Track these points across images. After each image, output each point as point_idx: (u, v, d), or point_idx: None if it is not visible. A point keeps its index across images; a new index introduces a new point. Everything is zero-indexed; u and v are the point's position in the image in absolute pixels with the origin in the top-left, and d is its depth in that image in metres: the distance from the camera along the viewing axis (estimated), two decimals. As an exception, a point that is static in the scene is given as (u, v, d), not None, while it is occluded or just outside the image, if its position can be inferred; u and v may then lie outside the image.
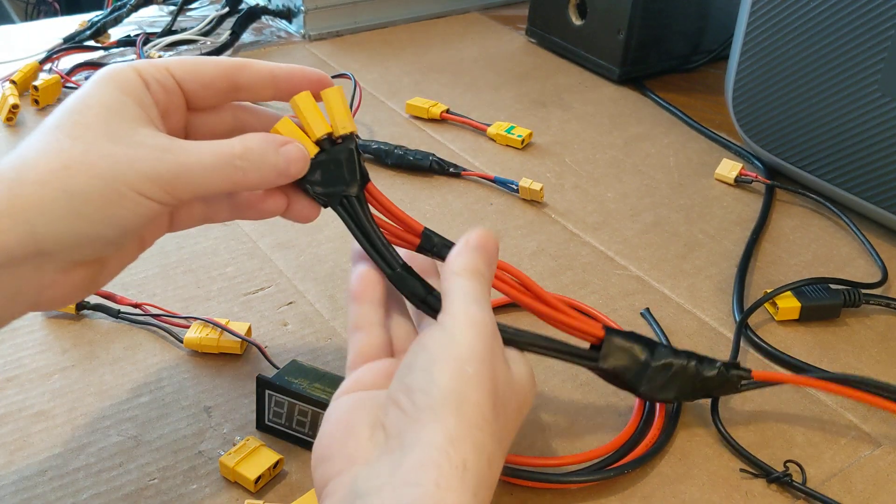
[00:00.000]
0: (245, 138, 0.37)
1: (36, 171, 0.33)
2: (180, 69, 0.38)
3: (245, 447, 0.43)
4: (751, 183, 0.70)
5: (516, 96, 0.83)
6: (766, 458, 0.46)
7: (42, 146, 0.34)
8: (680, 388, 0.44)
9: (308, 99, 0.40)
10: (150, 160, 0.35)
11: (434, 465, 0.31)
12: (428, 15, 0.99)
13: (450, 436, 0.32)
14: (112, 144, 0.34)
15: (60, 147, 0.34)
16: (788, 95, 0.66)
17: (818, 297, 0.56)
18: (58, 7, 1.92)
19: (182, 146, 0.36)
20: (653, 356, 0.43)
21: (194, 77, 0.39)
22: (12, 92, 0.74)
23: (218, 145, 0.36)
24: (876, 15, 0.58)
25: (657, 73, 0.88)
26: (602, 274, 0.60)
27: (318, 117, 0.40)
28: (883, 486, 0.45)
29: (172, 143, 0.36)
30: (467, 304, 0.36)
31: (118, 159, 0.34)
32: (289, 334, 0.52)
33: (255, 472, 0.42)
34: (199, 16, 0.94)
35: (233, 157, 0.36)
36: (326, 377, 0.45)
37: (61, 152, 0.34)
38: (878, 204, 0.63)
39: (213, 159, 0.36)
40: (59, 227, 0.34)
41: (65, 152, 0.34)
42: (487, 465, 0.33)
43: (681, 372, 0.44)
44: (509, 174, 0.69)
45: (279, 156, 0.38)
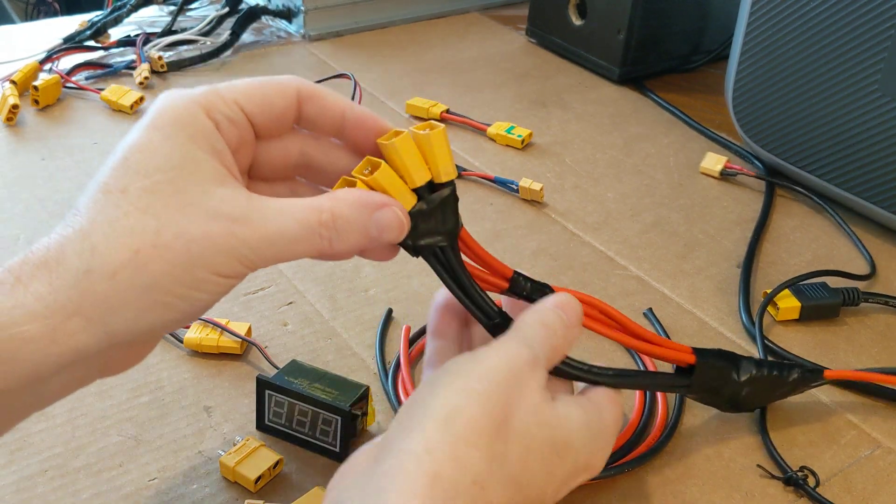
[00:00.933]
0: (335, 201, 0.33)
1: (104, 261, 0.30)
2: (250, 102, 0.34)
3: (245, 447, 0.43)
4: (735, 176, 0.70)
5: (516, 96, 0.83)
6: (764, 459, 0.46)
7: (107, 224, 0.31)
8: (763, 397, 0.46)
9: (409, 142, 0.34)
10: (228, 237, 0.31)
11: (403, 472, 0.29)
12: (428, 15, 0.99)
13: (428, 445, 0.30)
14: (185, 218, 0.31)
15: (128, 225, 0.30)
16: (788, 95, 0.66)
17: (818, 296, 0.56)
18: (58, 7, 1.92)
19: (262, 213, 0.32)
20: (739, 372, 0.44)
21: (263, 110, 0.35)
22: (12, 92, 0.74)
23: (303, 211, 0.32)
24: (876, 15, 0.58)
25: (657, 73, 0.88)
26: (602, 274, 0.60)
27: (420, 163, 0.35)
28: (883, 486, 0.45)
29: (251, 210, 0.32)
30: (508, 339, 0.35)
31: (193, 238, 0.31)
32: (289, 334, 0.52)
33: (255, 472, 0.42)
34: (199, 16, 0.94)
35: (319, 227, 0.32)
36: (326, 377, 0.45)
37: (131, 233, 0.30)
38: (878, 204, 0.63)
39: (297, 228, 0.32)
40: (135, 321, 0.31)
41: (135, 234, 0.30)
42: (472, 484, 0.30)
43: (764, 384, 0.45)
44: (509, 174, 0.69)
45: (372, 223, 0.33)
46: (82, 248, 0.30)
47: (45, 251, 0.30)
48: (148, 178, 0.31)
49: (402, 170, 0.34)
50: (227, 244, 0.31)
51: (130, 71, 0.81)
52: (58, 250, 0.30)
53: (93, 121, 0.74)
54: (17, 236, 0.60)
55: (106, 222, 0.31)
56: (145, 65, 0.80)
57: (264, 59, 0.87)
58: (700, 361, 0.43)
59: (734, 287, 0.59)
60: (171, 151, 0.32)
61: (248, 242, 0.31)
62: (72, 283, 0.30)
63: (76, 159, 0.69)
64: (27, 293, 0.29)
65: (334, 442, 0.43)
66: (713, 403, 0.46)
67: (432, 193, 0.35)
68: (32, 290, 0.30)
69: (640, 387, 0.45)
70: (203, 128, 0.33)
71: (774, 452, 0.46)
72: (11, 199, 0.64)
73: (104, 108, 0.76)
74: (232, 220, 0.31)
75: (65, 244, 0.30)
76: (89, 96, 0.78)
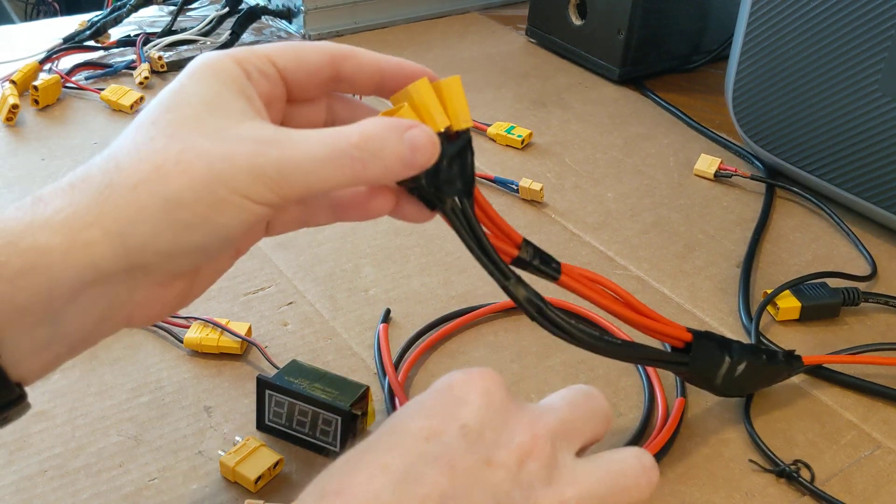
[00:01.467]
0: (363, 125, 0.32)
1: (126, 175, 0.30)
2: (282, 57, 0.35)
3: (245, 447, 0.43)
4: (730, 177, 0.70)
5: (516, 96, 0.83)
6: (760, 457, 0.46)
7: (133, 145, 0.31)
8: (752, 382, 0.47)
9: (427, 87, 0.35)
10: (252, 156, 0.30)
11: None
12: (428, 15, 0.99)
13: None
14: (209, 142, 0.31)
15: (153, 147, 0.31)
16: (788, 95, 0.66)
17: (818, 296, 0.56)
18: (58, 7, 1.92)
19: (289, 137, 0.31)
20: (731, 355, 0.45)
21: (297, 66, 0.35)
22: (12, 92, 0.74)
23: (331, 134, 0.32)
24: (876, 15, 0.58)
25: (657, 73, 0.88)
26: (602, 274, 0.59)
27: (439, 108, 0.35)
28: (883, 486, 0.45)
29: (278, 134, 0.31)
30: None
31: (216, 157, 0.30)
32: (289, 334, 0.52)
33: (255, 472, 0.42)
34: (199, 16, 0.94)
35: (350, 147, 0.31)
36: (326, 377, 0.44)
37: (154, 153, 0.30)
38: (878, 204, 0.63)
39: (327, 151, 0.31)
40: (153, 237, 0.30)
41: (158, 153, 0.30)
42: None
43: (753, 367, 0.46)
44: (509, 174, 0.69)
45: (404, 143, 0.32)
46: (107, 166, 0.31)
47: (72, 176, 0.31)
48: (177, 111, 0.32)
49: (423, 111, 0.35)
50: (250, 163, 0.30)
51: (130, 71, 0.81)
52: (84, 172, 0.31)
53: (93, 121, 0.74)
54: (17, 236, 0.60)
55: (132, 144, 0.31)
56: (145, 65, 0.80)
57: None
58: (697, 340, 0.44)
59: (734, 287, 0.59)
60: (201, 90, 0.32)
61: (273, 162, 0.30)
62: (93, 196, 0.30)
63: (76, 159, 0.69)
64: (46, 208, 0.30)
65: (334, 442, 0.43)
66: (707, 386, 0.46)
67: (450, 143, 0.35)
68: (52, 205, 0.30)
69: (634, 359, 0.45)
70: (234, 74, 0.33)
71: (764, 447, 0.46)
72: (11, 199, 0.63)
73: (104, 108, 0.76)
74: (258, 142, 0.31)
75: (91, 167, 0.31)
76: (89, 96, 0.78)
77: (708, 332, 0.45)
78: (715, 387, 0.46)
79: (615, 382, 0.50)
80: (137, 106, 0.76)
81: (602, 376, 0.50)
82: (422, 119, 0.34)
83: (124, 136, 0.32)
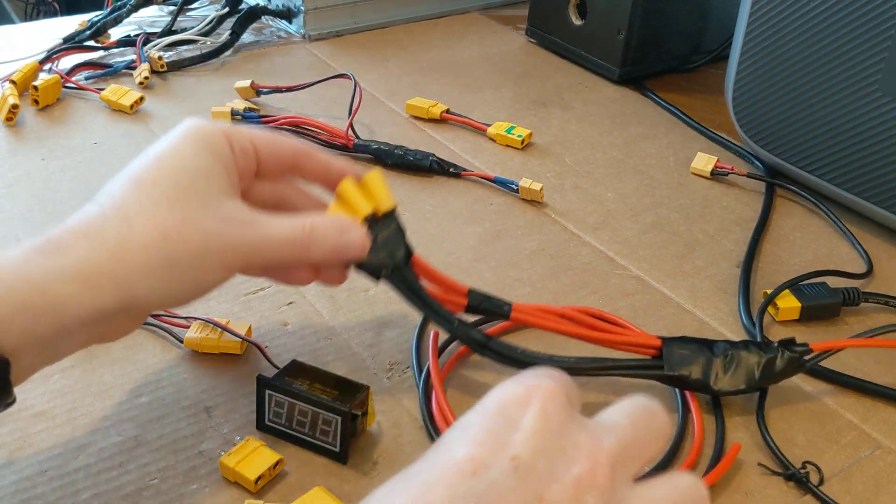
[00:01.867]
0: (313, 219, 0.41)
1: (137, 235, 0.37)
2: (261, 142, 0.43)
3: (245, 447, 0.43)
4: (727, 175, 0.71)
5: (516, 96, 0.83)
6: (766, 459, 0.46)
7: (140, 208, 0.37)
8: (748, 376, 0.47)
9: (351, 185, 0.44)
10: (237, 237, 0.39)
11: None
12: (428, 15, 0.99)
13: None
14: (206, 217, 0.38)
15: (159, 212, 0.37)
16: (788, 95, 0.66)
17: (818, 296, 0.56)
18: (58, 7, 1.92)
19: (262, 222, 0.40)
20: (713, 352, 0.46)
21: (271, 152, 0.43)
22: (12, 92, 0.74)
23: (291, 223, 0.40)
24: (876, 15, 0.58)
25: (657, 73, 0.88)
26: (602, 274, 0.60)
27: (361, 199, 0.44)
28: (883, 486, 0.45)
29: (254, 218, 0.40)
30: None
31: (211, 232, 0.38)
32: (289, 334, 0.52)
33: (255, 473, 0.42)
34: (199, 16, 0.94)
35: (303, 235, 0.40)
36: (327, 377, 0.44)
37: (160, 218, 0.37)
38: (878, 204, 0.63)
39: (286, 235, 0.40)
40: (153, 291, 0.37)
41: (165, 222, 0.37)
42: None
43: (744, 360, 0.47)
44: (509, 174, 0.69)
45: (341, 239, 0.42)
46: (120, 224, 0.37)
47: (87, 223, 0.37)
48: (175, 177, 0.38)
49: (349, 205, 0.44)
50: (234, 242, 0.39)
51: (130, 71, 0.81)
52: (99, 223, 0.37)
53: (93, 121, 0.74)
54: (17, 236, 0.60)
55: (140, 206, 0.37)
56: (145, 65, 0.80)
57: (264, 59, 0.87)
58: (666, 344, 0.46)
59: (734, 287, 0.59)
60: (197, 161, 0.39)
61: (250, 242, 0.39)
62: (110, 251, 0.36)
63: (76, 159, 0.69)
64: (67, 257, 0.36)
65: (334, 442, 0.43)
66: (696, 388, 0.47)
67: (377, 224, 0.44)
68: (73, 254, 0.36)
69: (610, 372, 0.46)
70: (223, 150, 0.40)
71: (776, 450, 0.46)
72: (11, 199, 0.64)
73: (104, 108, 0.76)
74: (241, 224, 0.39)
75: (104, 219, 0.37)
76: (89, 96, 0.78)
77: (683, 336, 0.47)
78: (707, 388, 0.46)
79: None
80: (137, 106, 0.76)
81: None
82: (350, 210, 0.43)
83: (129, 192, 0.38)
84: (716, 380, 0.46)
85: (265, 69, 0.85)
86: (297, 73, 0.84)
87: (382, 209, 0.44)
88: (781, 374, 0.48)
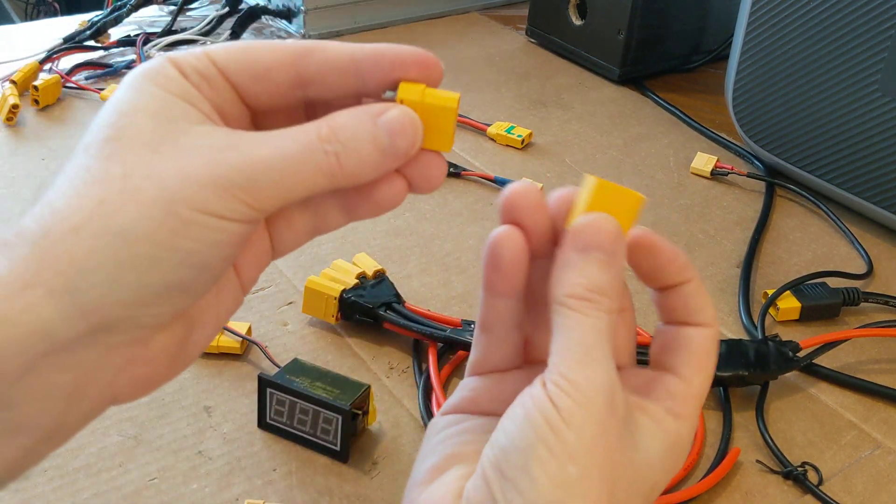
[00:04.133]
0: (332, 115, 0.28)
1: (63, 217, 0.25)
2: (224, 56, 0.28)
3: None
4: (727, 175, 0.71)
5: (516, 96, 0.83)
6: (767, 458, 0.46)
7: (67, 182, 0.26)
8: (737, 364, 0.48)
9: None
10: (211, 165, 0.26)
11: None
12: (428, 15, 0.99)
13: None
14: (161, 160, 0.26)
15: (92, 176, 0.25)
16: (788, 95, 0.66)
17: (818, 296, 0.56)
18: (58, 7, 1.92)
19: (251, 138, 0.27)
20: None
21: (242, 67, 0.29)
22: (12, 92, 0.74)
23: (297, 130, 0.27)
24: (876, 15, 0.58)
25: (657, 73, 0.88)
26: (602, 274, 0.60)
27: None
28: (883, 486, 0.45)
29: (237, 137, 0.27)
30: (582, 364, 0.27)
31: (168, 175, 0.25)
32: (289, 334, 0.52)
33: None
34: (199, 16, 0.94)
35: (320, 141, 0.27)
36: (328, 376, 0.45)
37: (93, 183, 0.25)
38: (878, 204, 0.63)
39: (296, 148, 0.27)
40: (111, 285, 0.25)
41: (98, 182, 0.25)
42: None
43: (739, 348, 0.49)
44: (509, 174, 0.69)
45: (379, 128, 0.28)
46: (41, 213, 0.25)
47: (4, 234, 0.25)
48: (111, 126, 0.26)
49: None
50: (212, 174, 0.25)
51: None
52: (17, 226, 0.25)
53: (93, 121, 0.74)
54: (17, 236, 0.60)
55: (65, 181, 0.26)
56: (145, 65, 0.80)
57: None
58: None
59: (734, 287, 0.59)
60: (138, 99, 0.27)
61: (239, 168, 0.26)
62: (28, 250, 0.24)
63: (76, 159, 0.69)
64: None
65: (335, 441, 0.43)
66: None
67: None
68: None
69: None
70: (171, 76, 0.28)
71: (776, 449, 0.46)
72: (11, 199, 0.64)
73: (104, 108, 0.76)
74: (215, 149, 0.26)
75: (25, 218, 0.26)
76: (89, 96, 0.78)
77: None
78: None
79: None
80: (137, 106, 0.76)
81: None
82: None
83: (59, 175, 0.26)
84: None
85: (265, 69, 0.85)
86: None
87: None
88: (774, 369, 0.49)
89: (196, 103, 0.28)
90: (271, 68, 0.29)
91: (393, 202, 0.30)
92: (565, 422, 0.26)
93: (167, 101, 0.27)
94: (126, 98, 0.27)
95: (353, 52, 0.29)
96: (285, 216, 0.30)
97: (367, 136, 0.27)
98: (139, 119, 0.26)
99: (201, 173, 0.25)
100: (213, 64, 0.28)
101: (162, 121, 0.26)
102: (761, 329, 0.54)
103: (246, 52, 0.29)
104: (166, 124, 0.26)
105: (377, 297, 0.51)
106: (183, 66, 0.28)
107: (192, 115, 0.27)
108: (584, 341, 0.27)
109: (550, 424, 0.26)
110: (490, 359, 0.32)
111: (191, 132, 0.26)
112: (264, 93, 0.29)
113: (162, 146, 0.26)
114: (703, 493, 0.43)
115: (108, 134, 0.26)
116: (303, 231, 0.31)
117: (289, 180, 0.26)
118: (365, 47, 0.29)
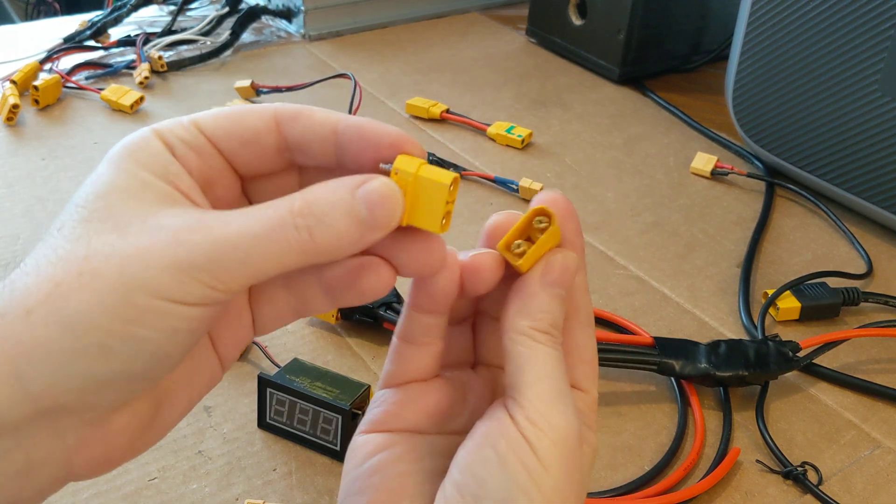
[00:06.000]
0: (309, 188, 0.26)
1: (19, 299, 0.24)
2: (212, 124, 0.28)
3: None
4: (727, 175, 0.71)
5: (516, 96, 0.83)
6: (767, 458, 0.46)
7: (34, 261, 0.25)
8: (737, 364, 0.48)
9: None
10: (171, 246, 0.24)
11: None
12: (428, 15, 0.99)
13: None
14: (121, 240, 0.24)
15: (57, 256, 0.24)
16: (788, 95, 0.66)
17: (818, 296, 0.56)
18: (58, 7, 1.92)
19: (219, 217, 0.25)
20: (705, 344, 0.49)
21: (231, 134, 0.28)
22: (12, 92, 0.74)
23: (269, 205, 0.26)
24: (876, 15, 0.58)
25: (657, 73, 0.88)
26: (602, 274, 0.60)
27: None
28: (883, 486, 0.45)
29: (204, 217, 0.25)
30: (555, 402, 0.27)
31: (127, 257, 0.24)
32: (289, 334, 0.52)
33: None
34: (199, 16, 0.94)
35: (292, 216, 0.25)
36: (328, 376, 0.45)
37: (56, 263, 0.24)
38: (878, 204, 0.63)
39: (265, 224, 0.25)
40: (59, 373, 0.24)
41: (60, 262, 0.24)
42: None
43: (738, 348, 0.49)
44: (509, 174, 0.69)
45: (356, 200, 0.26)
46: (2, 291, 0.25)
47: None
48: (86, 207, 0.25)
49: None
50: (173, 256, 0.24)
51: (130, 71, 0.81)
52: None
53: (93, 121, 0.74)
54: (17, 236, 0.60)
55: (32, 260, 0.25)
56: (145, 64, 0.80)
57: (264, 59, 0.87)
58: (657, 341, 0.49)
59: (734, 287, 0.59)
60: (115, 177, 0.26)
61: (201, 248, 0.24)
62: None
63: (76, 159, 0.69)
64: None
65: (335, 441, 0.43)
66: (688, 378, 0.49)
67: None
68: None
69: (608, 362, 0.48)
70: (156, 150, 0.27)
71: (775, 449, 0.46)
72: (11, 199, 0.64)
73: (104, 108, 0.76)
74: (177, 231, 0.25)
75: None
76: (89, 96, 0.78)
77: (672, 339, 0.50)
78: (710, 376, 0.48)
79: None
80: (137, 106, 0.76)
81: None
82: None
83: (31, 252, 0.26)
84: (706, 364, 0.48)
85: (265, 69, 0.85)
86: (297, 73, 0.84)
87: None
88: (774, 369, 0.49)
89: (176, 181, 0.27)
90: (260, 132, 0.28)
91: (377, 291, 0.28)
92: (543, 465, 0.26)
93: (144, 182, 0.26)
94: (104, 178, 0.26)
95: (336, 123, 0.28)
96: (267, 293, 0.29)
97: (343, 209, 0.26)
98: (112, 200, 0.25)
99: (162, 256, 0.24)
100: (202, 132, 0.28)
101: (134, 202, 0.25)
102: (761, 329, 0.54)
103: (233, 117, 0.28)
104: (138, 206, 0.25)
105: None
106: (169, 138, 0.27)
107: (167, 196, 0.26)
108: (552, 376, 0.27)
109: (528, 470, 0.26)
110: (409, 369, 0.31)
111: (160, 214, 0.25)
112: (254, 158, 0.28)
113: (129, 228, 0.25)
114: (703, 492, 0.43)
115: (81, 215, 0.25)
116: (286, 310, 0.30)
117: (255, 259, 0.25)
118: (349, 120, 0.28)
